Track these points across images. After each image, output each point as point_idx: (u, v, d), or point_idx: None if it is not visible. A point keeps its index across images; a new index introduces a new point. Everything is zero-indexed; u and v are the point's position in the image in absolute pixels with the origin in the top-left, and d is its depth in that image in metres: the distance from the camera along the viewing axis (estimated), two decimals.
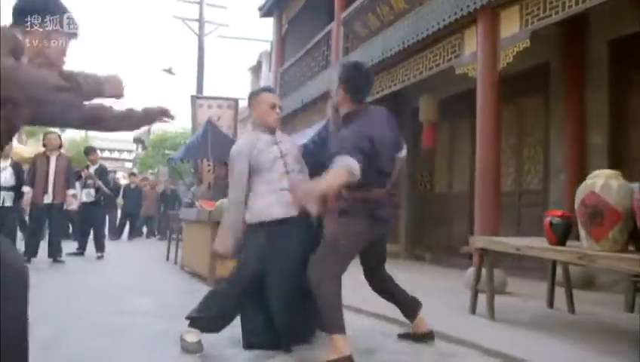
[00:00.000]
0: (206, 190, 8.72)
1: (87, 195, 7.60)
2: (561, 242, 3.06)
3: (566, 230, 3.08)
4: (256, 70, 19.29)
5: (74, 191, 7.11)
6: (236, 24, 44.54)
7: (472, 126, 5.16)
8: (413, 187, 8.37)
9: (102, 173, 7.81)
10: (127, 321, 3.44)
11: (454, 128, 7.45)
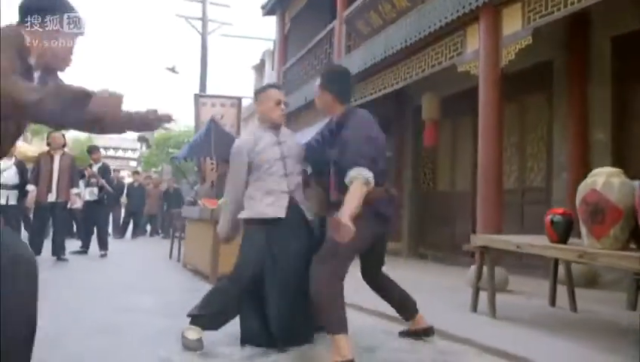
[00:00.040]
0: (209, 188, 8.72)
1: (90, 194, 7.64)
2: (562, 240, 3.06)
3: (567, 228, 3.07)
4: (259, 68, 19.31)
5: (78, 189, 7.14)
6: (239, 23, 44.71)
7: (475, 124, 5.15)
8: (415, 185, 8.35)
9: (105, 172, 7.85)
10: (129, 319, 3.45)
11: (457, 126, 7.44)
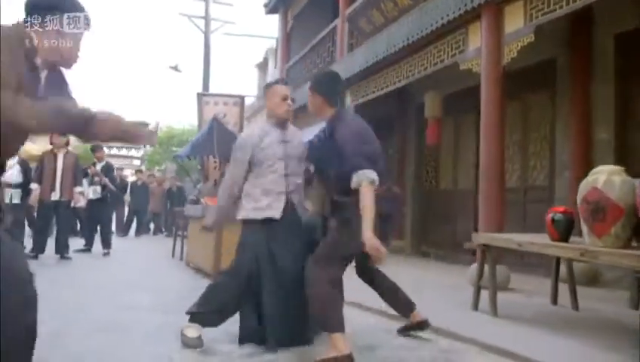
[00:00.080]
0: (212, 187, 8.71)
1: (93, 192, 7.68)
2: (563, 238, 3.05)
3: (568, 226, 3.06)
4: (263, 67, 19.31)
5: (81, 188, 7.16)
6: (242, 21, 44.72)
7: (477, 122, 5.13)
8: (418, 183, 8.34)
9: (108, 171, 7.89)
10: (131, 317, 3.47)
11: (459, 124, 7.41)
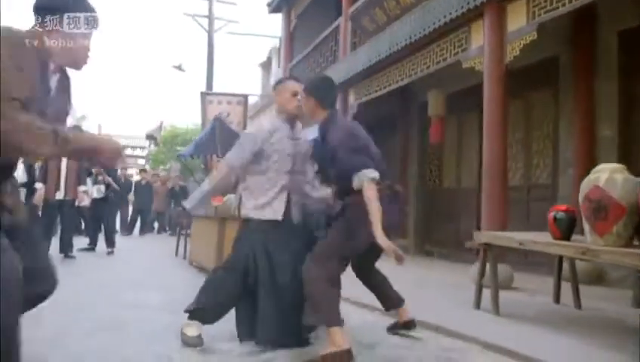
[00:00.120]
0: None
1: (97, 192, 7.72)
2: (565, 237, 3.04)
3: (570, 225, 3.05)
4: (266, 66, 19.31)
5: (85, 187, 7.20)
6: (246, 20, 44.82)
7: (480, 120, 5.12)
8: (421, 182, 8.33)
9: (111, 170, 7.90)
10: (134, 315, 3.48)
11: (462, 123, 7.40)
